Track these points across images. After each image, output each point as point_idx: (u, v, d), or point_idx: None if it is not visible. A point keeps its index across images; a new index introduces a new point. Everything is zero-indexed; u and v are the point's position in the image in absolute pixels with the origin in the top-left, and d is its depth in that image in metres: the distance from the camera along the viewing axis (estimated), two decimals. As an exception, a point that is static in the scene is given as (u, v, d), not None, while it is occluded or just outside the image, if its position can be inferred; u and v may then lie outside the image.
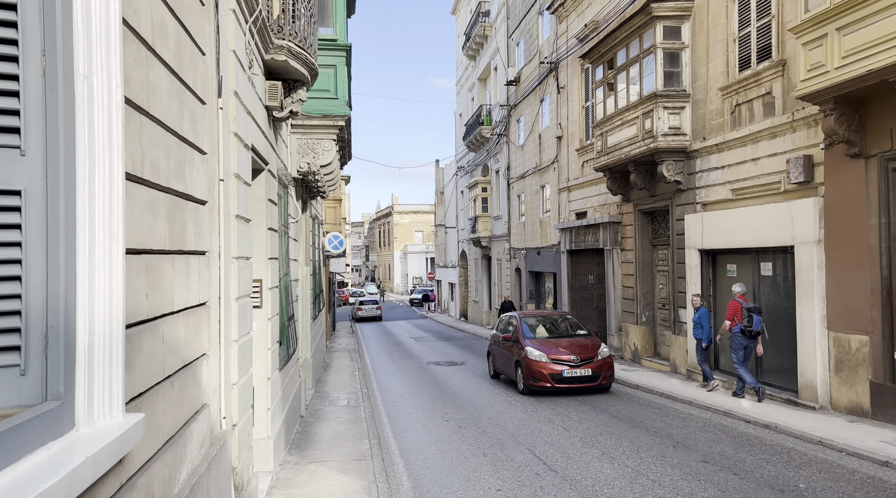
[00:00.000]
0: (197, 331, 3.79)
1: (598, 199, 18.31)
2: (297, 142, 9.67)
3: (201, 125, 3.96)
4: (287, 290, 8.73)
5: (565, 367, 12.28)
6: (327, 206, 21.84)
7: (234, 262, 5.04)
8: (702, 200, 13.18)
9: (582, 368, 12.32)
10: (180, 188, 3.40)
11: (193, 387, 3.66)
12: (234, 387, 4.98)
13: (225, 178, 4.67)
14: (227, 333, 4.75)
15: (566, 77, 20.52)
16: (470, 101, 36.38)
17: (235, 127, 5.05)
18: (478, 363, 17.80)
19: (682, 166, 13.74)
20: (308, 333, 12.31)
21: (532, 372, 12.33)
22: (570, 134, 20.27)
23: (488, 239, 31.28)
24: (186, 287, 3.53)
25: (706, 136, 13.00)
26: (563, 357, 12.42)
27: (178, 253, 3.37)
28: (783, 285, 11.16)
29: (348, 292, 62.19)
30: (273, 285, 7.28)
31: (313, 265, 14.73)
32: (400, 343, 24.94)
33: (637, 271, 16.08)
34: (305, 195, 11.80)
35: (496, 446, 8.73)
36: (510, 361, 13.44)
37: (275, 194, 7.46)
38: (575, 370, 12.28)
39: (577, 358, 12.41)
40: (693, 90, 13.47)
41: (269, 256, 7.03)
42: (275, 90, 6.74)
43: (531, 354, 12.57)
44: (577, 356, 12.44)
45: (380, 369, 17.22)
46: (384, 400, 12.55)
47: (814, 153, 10.10)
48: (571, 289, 20.27)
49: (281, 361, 7.97)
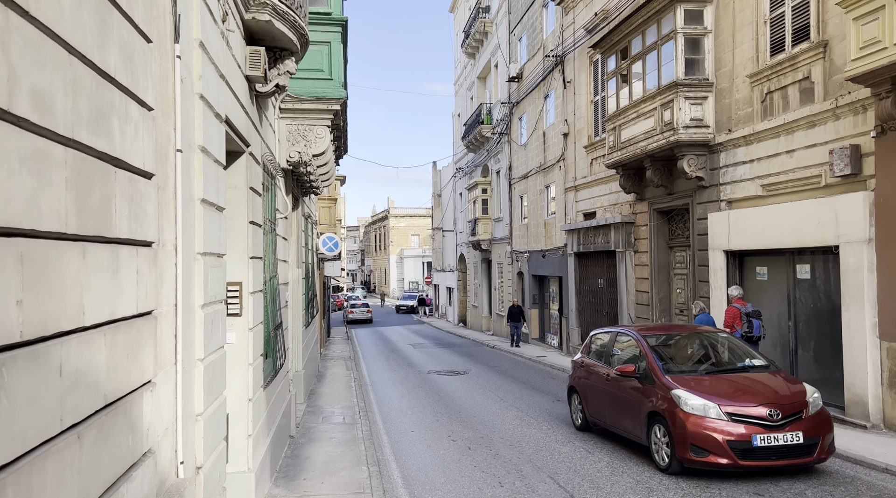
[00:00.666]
0: (133, 352, 2.71)
1: (608, 198, 17.29)
2: (286, 128, 8.61)
3: (144, 69, 2.90)
4: (274, 294, 7.65)
5: (757, 428, 6.97)
6: (321, 205, 20.76)
7: (200, 259, 3.97)
8: (727, 198, 12.16)
9: (786, 430, 6.99)
10: (102, 146, 2.34)
11: (124, 433, 2.58)
12: (199, 419, 3.90)
13: (185, 149, 3.60)
14: (188, 350, 3.68)
15: (573, 71, 19.53)
16: (469, 100, 35.39)
17: (201, 87, 3.99)
18: (481, 372, 16.73)
19: (704, 161, 12.73)
20: (300, 342, 11.22)
21: (692, 436, 7.05)
22: (577, 130, 19.26)
23: (488, 242, 30.24)
24: (112, 291, 2.46)
25: (732, 128, 11.99)
26: (750, 411, 7.09)
27: (97, 241, 2.31)
28: (824, 289, 10.13)
29: (343, 297, 61.37)
30: (256, 289, 6.20)
31: (306, 268, 13.65)
32: (398, 350, 23.85)
33: (652, 275, 15.05)
34: (297, 190, 10.73)
35: (513, 474, 7.65)
36: (635, 410, 8.10)
37: (258, 183, 6.40)
38: (775, 435, 6.93)
39: (775, 412, 7.08)
40: (717, 79, 12.47)
41: (251, 255, 5.96)
42: (257, 58, 5.68)
43: (687, 404, 7.26)
44: (774, 409, 7.10)
45: (377, 379, 16.13)
46: (383, 416, 11.45)
47: (862, 142, 9.09)
48: (579, 293, 19.22)
49: (266, 378, 6.89)
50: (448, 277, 41.18)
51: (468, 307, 35.70)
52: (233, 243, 5.69)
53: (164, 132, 3.32)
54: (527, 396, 13.10)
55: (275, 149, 8.11)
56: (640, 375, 8.20)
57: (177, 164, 3.49)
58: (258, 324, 6.28)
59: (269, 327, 7.00)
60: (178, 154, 3.50)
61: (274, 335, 7.35)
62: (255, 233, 6.15)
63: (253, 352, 5.96)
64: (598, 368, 9.36)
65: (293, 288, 10.93)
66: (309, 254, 14.67)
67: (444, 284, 43.12)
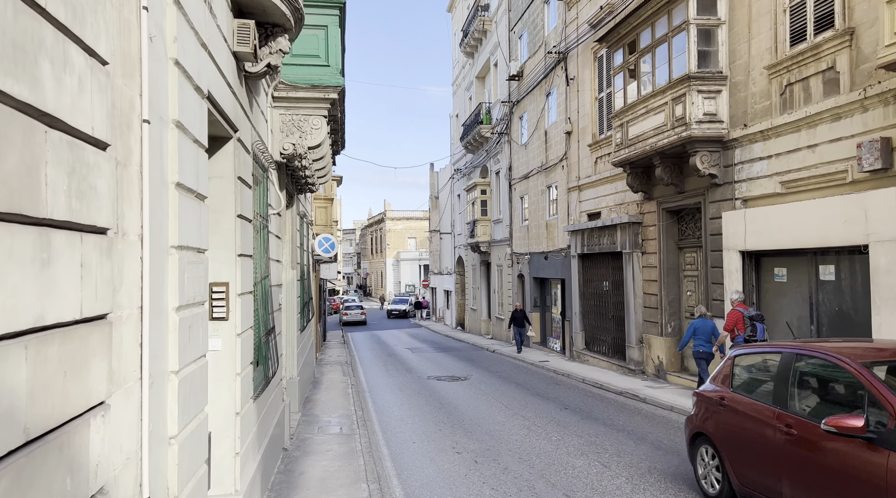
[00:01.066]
0: (75, 368, 2.11)
1: (614, 197, 16.72)
2: (279, 118, 8.01)
3: (93, 9, 2.30)
4: (266, 297, 7.05)
5: None
6: (317, 205, 20.12)
7: (175, 253, 3.37)
8: (742, 196, 11.61)
9: None
10: (22, 94, 1.74)
11: (60, 474, 1.98)
12: (172, 443, 3.30)
13: (154, 120, 3.01)
14: (159, 361, 3.08)
15: (576, 67, 18.98)
16: (467, 100, 34.83)
17: (177, 52, 3.40)
18: (483, 378, 16.12)
19: (717, 158, 12.17)
20: (294, 347, 10.61)
21: None
22: (580, 128, 18.71)
23: (487, 244, 29.65)
24: (39, 288, 1.86)
25: (748, 123, 11.44)
26: None
27: (12, 219, 1.71)
28: (850, 291, 9.57)
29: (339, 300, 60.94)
30: (245, 291, 5.60)
31: (301, 269, 13.05)
32: (395, 355, 23.22)
33: (661, 276, 14.48)
34: (291, 187, 10.13)
35: (526, 491, 7.05)
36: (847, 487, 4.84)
37: (248, 174, 5.80)
38: None
39: None
40: (731, 71, 11.92)
41: (240, 253, 5.36)
42: (246, 32, 5.09)
43: None
44: None
45: (375, 386, 15.50)
46: (382, 425, 10.83)
47: (893, 135, 8.54)
48: (583, 296, 18.64)
49: (257, 388, 6.28)
50: (446, 280, 40.57)
51: (466, 310, 35.09)
52: (218, 239, 5.09)
53: (126, 96, 2.73)
54: (532, 403, 12.51)
55: (267, 139, 7.51)
56: (874, 434, 4.71)
57: (143, 138, 2.89)
58: (247, 329, 5.67)
59: (259, 333, 6.39)
60: (145, 125, 2.90)
61: (265, 341, 6.74)
62: (244, 228, 5.55)
63: (241, 360, 5.36)
64: (756, 410, 6.02)
65: (287, 290, 10.32)
66: (304, 254, 14.06)
67: (441, 287, 42.51)
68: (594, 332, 18.12)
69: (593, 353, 17.86)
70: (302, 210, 12.97)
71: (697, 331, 11.76)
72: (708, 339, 11.72)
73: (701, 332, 11.82)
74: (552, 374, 16.87)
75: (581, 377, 15.38)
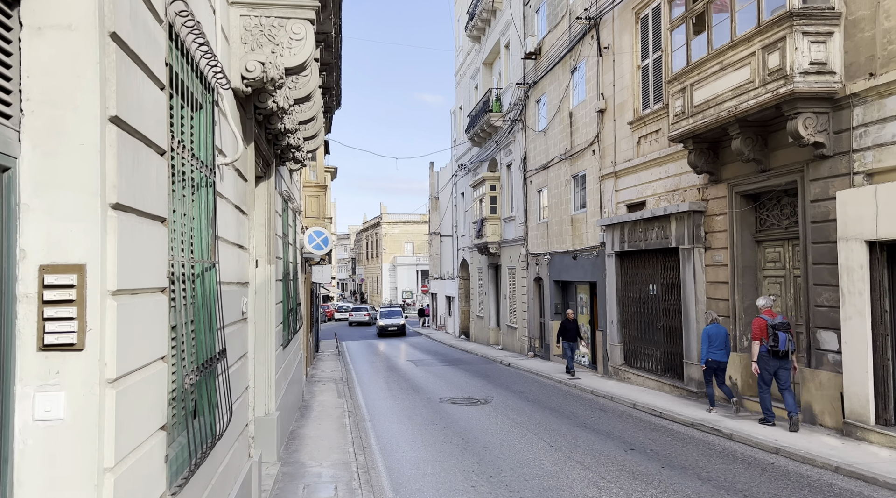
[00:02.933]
0: None
1: (664, 183, 13.91)
2: (240, 22, 5.15)
3: None
4: (208, 301, 4.14)
5: None
6: (308, 193, 17.22)
7: None
8: (866, 168, 8.81)
9: None
10: None
11: None
12: None
13: None
14: None
15: (611, 34, 16.19)
16: (473, 89, 32.07)
17: None
18: (506, 400, 13.23)
19: (825, 121, 9.37)
20: (272, 372, 7.69)
21: None
22: (617, 105, 15.90)
23: (497, 245, 26.79)
24: None
25: (875, 72, 8.66)
26: None
27: None
28: None
29: (334, 307, 58.43)
30: (138, 287, 2.72)
31: (286, 268, 10.14)
32: (397, 368, 20.30)
33: (734, 278, 11.64)
34: (268, 151, 7.24)
35: None
36: None
37: (161, 61, 2.93)
38: None
39: None
40: (847, 7, 9.15)
41: (115, 202, 2.49)
42: None
43: None
44: None
45: (378, 412, 12.58)
46: (393, 478, 7.92)
47: None
48: (621, 303, 15.77)
49: (175, 476, 3.38)
50: (447, 285, 37.66)
51: (472, 318, 32.18)
52: (54, 166, 2.20)
53: None
54: (583, 439, 9.64)
55: (217, 47, 4.64)
56: None
57: None
58: (141, 366, 2.78)
59: (182, 370, 3.48)
60: None
61: (197, 383, 3.81)
62: (136, 158, 2.67)
63: (117, 439, 2.46)
64: None
65: (262, 293, 7.43)
66: (291, 250, 11.15)
67: (442, 293, 39.57)
68: (637, 344, 15.25)
69: (636, 370, 14.98)
70: (286, 190, 10.07)
71: (712, 338, 10.82)
72: (721, 346, 10.75)
73: (715, 339, 10.79)
74: (590, 395, 13.99)
75: (630, 401, 12.50)
